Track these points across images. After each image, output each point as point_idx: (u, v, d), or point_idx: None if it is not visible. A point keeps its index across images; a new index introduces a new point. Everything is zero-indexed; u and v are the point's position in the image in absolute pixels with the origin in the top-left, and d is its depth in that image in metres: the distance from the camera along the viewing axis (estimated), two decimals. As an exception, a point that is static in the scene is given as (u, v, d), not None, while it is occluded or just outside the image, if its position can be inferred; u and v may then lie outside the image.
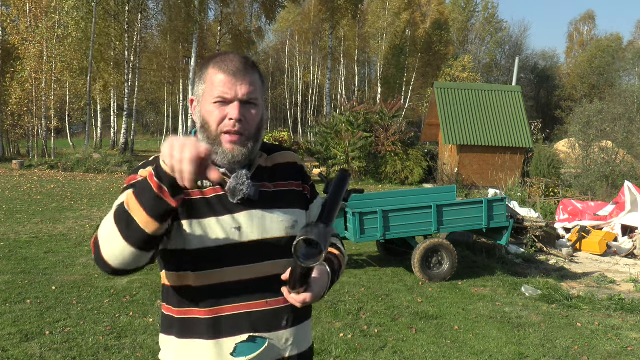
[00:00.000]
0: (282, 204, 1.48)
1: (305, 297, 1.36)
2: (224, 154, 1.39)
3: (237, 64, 1.39)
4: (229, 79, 1.37)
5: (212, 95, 1.38)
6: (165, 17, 28.51)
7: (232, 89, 1.37)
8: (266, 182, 1.48)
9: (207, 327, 1.39)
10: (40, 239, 8.24)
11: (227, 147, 1.38)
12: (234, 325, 1.39)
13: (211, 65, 1.41)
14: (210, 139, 1.39)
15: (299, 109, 43.60)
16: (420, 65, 39.19)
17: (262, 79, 1.46)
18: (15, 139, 25.85)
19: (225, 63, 1.39)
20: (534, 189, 15.31)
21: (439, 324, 5.25)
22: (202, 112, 1.41)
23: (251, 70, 1.41)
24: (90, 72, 25.21)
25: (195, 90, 1.45)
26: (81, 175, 18.57)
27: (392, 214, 6.65)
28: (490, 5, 54.08)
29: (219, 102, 1.38)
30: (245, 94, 1.38)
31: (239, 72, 1.38)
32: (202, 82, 1.42)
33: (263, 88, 1.46)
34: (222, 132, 1.38)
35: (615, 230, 9.55)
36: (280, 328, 1.43)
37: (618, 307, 6.02)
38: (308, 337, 1.53)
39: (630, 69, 37.53)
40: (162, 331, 1.49)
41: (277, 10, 32.11)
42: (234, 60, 1.40)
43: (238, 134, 1.38)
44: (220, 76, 1.38)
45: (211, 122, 1.39)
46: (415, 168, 19.49)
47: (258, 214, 1.43)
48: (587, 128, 16.11)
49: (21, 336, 4.40)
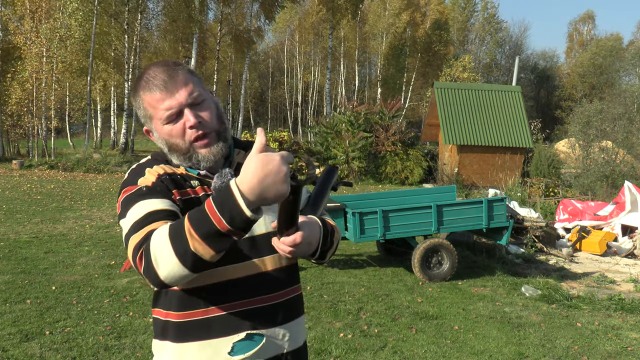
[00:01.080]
0: None
1: (296, 237, 1.27)
2: (204, 159, 1.38)
3: (160, 76, 1.36)
4: (163, 94, 1.35)
5: (159, 118, 1.36)
6: (165, 17, 28.52)
7: (172, 101, 1.35)
8: None
9: (205, 328, 1.38)
10: (40, 239, 8.24)
11: (203, 151, 1.38)
12: (232, 324, 1.38)
13: (140, 91, 1.38)
14: (185, 154, 1.38)
15: (299, 109, 43.59)
16: (420, 66, 39.20)
17: (189, 72, 1.41)
18: (15, 139, 25.85)
19: (149, 83, 1.36)
20: (534, 189, 15.31)
21: (439, 324, 5.25)
22: (162, 136, 1.39)
23: (175, 72, 1.37)
24: (91, 72, 25.21)
25: (144, 121, 1.43)
26: (81, 175, 18.57)
27: (392, 214, 6.66)
28: (490, 5, 54.13)
29: (169, 119, 1.36)
30: (186, 97, 1.35)
31: (168, 82, 1.35)
32: (141, 109, 1.40)
33: (198, 79, 1.42)
34: (190, 142, 1.37)
35: (615, 230, 9.55)
36: (277, 324, 1.42)
37: (618, 307, 6.02)
38: (302, 333, 1.53)
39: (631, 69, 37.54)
40: (157, 337, 1.47)
41: (277, 10, 32.10)
42: (156, 75, 1.36)
43: (205, 136, 1.37)
44: (153, 96, 1.36)
45: (176, 140, 1.37)
46: (415, 168, 19.50)
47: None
48: (587, 128, 16.11)
49: (21, 336, 4.40)
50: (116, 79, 29.93)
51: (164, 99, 1.34)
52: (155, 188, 1.35)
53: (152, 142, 1.76)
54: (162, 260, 1.18)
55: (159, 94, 1.35)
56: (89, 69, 24.98)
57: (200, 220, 1.15)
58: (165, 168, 1.41)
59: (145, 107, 1.38)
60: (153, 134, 1.42)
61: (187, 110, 1.35)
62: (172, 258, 1.17)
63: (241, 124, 30.67)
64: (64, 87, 26.05)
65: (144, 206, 1.31)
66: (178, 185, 1.39)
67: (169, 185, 1.37)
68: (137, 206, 1.32)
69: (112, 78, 30.03)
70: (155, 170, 1.40)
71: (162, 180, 1.37)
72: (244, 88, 30.94)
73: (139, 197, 1.33)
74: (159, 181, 1.37)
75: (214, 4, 29.46)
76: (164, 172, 1.39)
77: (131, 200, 1.34)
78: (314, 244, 1.36)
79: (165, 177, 1.38)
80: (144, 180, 1.37)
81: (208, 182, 1.42)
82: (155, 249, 1.19)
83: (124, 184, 1.41)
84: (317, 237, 1.40)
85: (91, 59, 24.73)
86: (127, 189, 1.38)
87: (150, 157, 1.48)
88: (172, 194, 1.36)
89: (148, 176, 1.38)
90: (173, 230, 1.18)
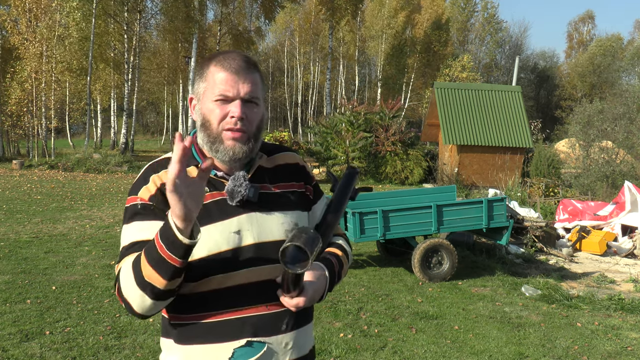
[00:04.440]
0: (282, 206, 1.46)
1: (299, 302, 1.35)
2: (225, 150, 1.39)
3: (239, 62, 1.38)
4: (231, 77, 1.37)
5: (213, 93, 1.38)
6: (164, 17, 28.51)
7: (234, 87, 1.37)
8: (267, 183, 1.47)
9: (205, 332, 1.38)
10: (40, 239, 8.24)
11: (229, 144, 1.38)
12: (233, 330, 1.37)
13: (213, 63, 1.40)
14: (212, 137, 1.39)
15: (299, 109, 43.60)
16: (419, 66, 39.21)
17: (262, 79, 1.45)
18: (15, 139, 25.85)
19: (227, 61, 1.38)
20: (534, 189, 15.30)
21: (439, 324, 5.25)
22: (202, 110, 1.40)
23: (253, 70, 1.40)
24: (90, 72, 25.21)
25: (195, 88, 1.44)
26: (81, 175, 18.57)
27: (392, 214, 6.66)
28: (490, 5, 54.12)
29: (221, 100, 1.37)
30: (247, 92, 1.38)
31: (241, 70, 1.38)
32: (202, 80, 1.41)
33: (263, 88, 1.45)
34: (224, 129, 1.38)
35: (615, 230, 9.55)
36: (280, 332, 1.40)
37: (618, 307, 6.02)
38: (309, 341, 1.51)
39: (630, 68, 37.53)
40: (162, 335, 1.49)
41: (276, 10, 32.10)
42: (236, 59, 1.39)
43: (240, 132, 1.38)
44: (222, 74, 1.37)
45: (212, 119, 1.38)
46: (415, 168, 19.49)
47: (257, 217, 1.41)
48: (588, 128, 16.10)
49: (21, 336, 4.40)
50: (116, 79, 29.92)
51: (229, 81, 1.37)
52: (149, 207, 1.37)
53: (152, 142, 1.76)
54: (129, 292, 1.28)
55: (229, 75, 1.37)
56: (89, 69, 24.97)
57: (150, 249, 1.23)
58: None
59: (207, 79, 1.40)
60: (196, 105, 1.43)
61: (239, 102, 1.37)
62: (135, 289, 1.27)
63: (241, 124, 30.59)
64: (63, 87, 26.03)
65: (131, 232, 1.37)
66: None
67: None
68: (128, 228, 1.38)
69: (112, 78, 30.02)
70: (159, 178, 1.40)
71: (161, 192, 1.36)
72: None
73: (132, 216, 1.38)
74: (158, 193, 1.37)
75: (213, 4, 29.45)
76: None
77: (126, 217, 1.40)
78: (317, 298, 1.41)
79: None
80: (144, 191, 1.39)
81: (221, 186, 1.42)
82: (122, 282, 1.30)
83: (131, 188, 1.44)
84: (322, 291, 1.43)
85: (90, 58, 24.72)
86: (129, 199, 1.42)
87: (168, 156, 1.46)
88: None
89: (150, 186, 1.39)
90: (135, 262, 1.27)
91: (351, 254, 1.65)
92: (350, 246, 1.68)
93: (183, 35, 28.62)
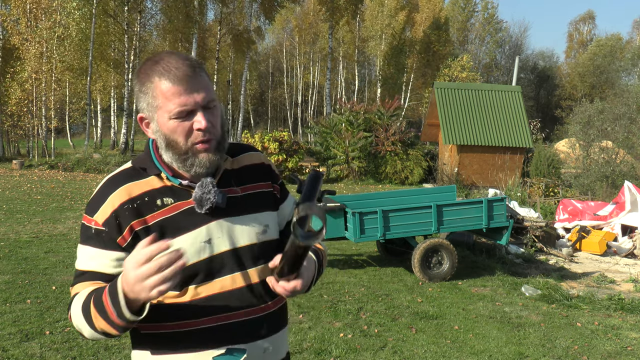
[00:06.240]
0: (251, 209, 1.42)
1: (296, 285, 1.30)
2: (200, 164, 1.33)
3: (184, 70, 1.28)
4: (182, 88, 1.27)
5: (169, 110, 1.28)
6: (164, 17, 28.53)
7: (189, 98, 1.27)
8: (233, 186, 1.42)
9: (184, 341, 1.34)
10: (40, 239, 8.24)
11: (202, 156, 1.32)
12: (212, 338, 1.34)
13: (156, 77, 1.28)
14: (182, 154, 1.32)
15: (299, 109, 43.60)
16: (419, 66, 39.21)
17: (207, 75, 1.35)
18: (15, 139, 25.85)
19: (171, 72, 1.27)
20: (534, 189, 15.30)
21: (439, 323, 5.25)
22: (163, 130, 1.31)
23: (199, 71, 1.31)
24: (91, 72, 25.21)
25: (142, 106, 1.33)
26: (81, 175, 18.57)
27: (392, 214, 6.65)
28: (490, 5, 54.11)
29: (179, 115, 1.29)
30: (203, 98, 1.29)
31: (190, 78, 1.28)
32: (149, 95, 1.30)
33: (212, 83, 1.37)
34: (193, 144, 1.31)
35: (615, 230, 9.55)
36: (259, 338, 1.38)
37: (618, 307, 6.02)
38: (285, 344, 1.50)
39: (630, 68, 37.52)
40: (134, 347, 1.43)
41: (276, 10, 32.10)
42: (179, 67, 1.28)
43: (209, 141, 1.32)
44: (171, 88, 1.27)
45: (178, 138, 1.30)
46: (415, 168, 19.50)
47: (227, 223, 1.37)
48: (588, 128, 16.10)
49: (21, 336, 4.40)
50: (116, 79, 29.93)
51: (181, 94, 1.27)
52: (101, 234, 1.32)
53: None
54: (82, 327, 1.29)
55: (177, 87, 1.27)
56: (89, 69, 24.98)
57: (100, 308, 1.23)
58: (133, 190, 1.35)
59: (155, 95, 1.29)
60: (151, 125, 1.34)
61: (200, 112, 1.29)
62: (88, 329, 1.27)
63: (241, 124, 30.68)
64: (63, 87, 26.02)
65: (83, 258, 1.35)
66: (144, 211, 1.33)
67: (125, 220, 1.32)
68: (81, 250, 1.36)
69: (112, 78, 30.03)
70: (117, 198, 1.33)
71: (117, 215, 1.32)
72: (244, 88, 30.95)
73: (85, 240, 1.35)
74: (112, 218, 1.32)
75: (213, 4, 29.46)
76: (127, 199, 1.33)
77: (81, 236, 1.38)
78: (307, 285, 1.37)
79: (124, 209, 1.32)
80: (99, 215, 1.33)
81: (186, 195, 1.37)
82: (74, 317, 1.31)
83: (88, 204, 1.38)
84: (312, 277, 1.41)
85: (90, 58, 24.72)
86: (84, 217, 1.37)
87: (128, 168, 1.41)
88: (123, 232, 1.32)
89: (106, 207, 1.33)
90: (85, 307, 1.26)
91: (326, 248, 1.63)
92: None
93: (183, 35, 28.62)
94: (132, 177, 1.37)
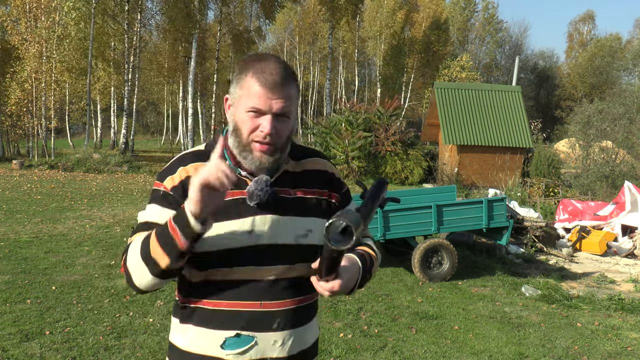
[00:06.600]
0: (298, 212, 1.51)
1: (334, 285, 1.38)
2: (252, 160, 1.45)
3: (275, 78, 1.40)
4: (265, 92, 1.40)
5: (247, 104, 1.42)
6: (164, 16, 28.51)
7: (267, 102, 1.40)
8: (289, 187, 1.52)
9: (204, 317, 1.47)
10: (40, 239, 8.24)
11: (256, 155, 1.44)
12: (227, 321, 1.45)
13: (251, 72, 1.42)
14: (241, 145, 1.45)
15: (299, 109, 43.56)
16: (419, 66, 39.20)
17: (298, 89, 1.48)
18: (15, 139, 25.84)
19: (264, 75, 1.40)
20: (534, 189, 15.31)
21: (439, 324, 5.25)
22: (235, 117, 1.46)
23: (288, 83, 1.43)
24: (90, 72, 25.19)
25: (232, 91, 1.48)
26: (81, 175, 18.56)
27: (392, 214, 6.65)
28: (490, 5, 54.12)
29: (253, 112, 1.41)
30: (279, 108, 1.41)
31: (276, 86, 1.40)
32: (239, 86, 1.45)
33: (297, 98, 1.49)
34: (253, 140, 1.43)
35: (615, 230, 9.55)
36: (271, 330, 1.46)
37: (618, 307, 6.02)
38: (302, 342, 1.53)
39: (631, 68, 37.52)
40: (172, 314, 1.59)
41: (277, 10, 32.08)
42: (273, 73, 1.41)
43: (268, 145, 1.43)
44: (257, 87, 1.40)
45: (243, 130, 1.43)
46: (415, 168, 19.49)
47: (272, 219, 1.47)
48: (587, 128, 16.11)
49: (21, 336, 4.40)
50: (116, 79, 29.92)
51: (263, 96, 1.40)
52: (169, 196, 1.47)
53: (152, 142, 1.77)
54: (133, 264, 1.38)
55: (264, 90, 1.40)
56: (89, 69, 24.97)
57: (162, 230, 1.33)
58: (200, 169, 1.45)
59: (242, 87, 1.43)
60: (231, 108, 1.48)
61: (270, 117, 1.41)
62: (139, 262, 1.36)
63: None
64: (63, 87, 26.00)
65: (149, 212, 1.48)
66: None
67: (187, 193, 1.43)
68: (147, 209, 1.49)
69: (111, 78, 30.02)
70: (185, 171, 1.48)
71: (183, 185, 1.45)
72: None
73: (153, 199, 1.50)
74: (180, 186, 1.46)
75: (213, 3, 29.45)
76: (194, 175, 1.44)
77: (150, 198, 1.52)
78: (350, 286, 1.46)
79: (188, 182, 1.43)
80: (169, 180, 1.49)
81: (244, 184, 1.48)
82: (129, 254, 1.40)
83: (159, 174, 1.54)
84: (355, 280, 1.48)
85: (90, 58, 24.71)
86: (155, 183, 1.53)
87: (200, 149, 1.55)
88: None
89: (175, 177, 1.48)
90: (145, 238, 1.37)
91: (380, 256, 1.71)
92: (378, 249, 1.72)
93: (183, 36, 28.61)
94: (201, 158, 1.50)
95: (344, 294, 1.46)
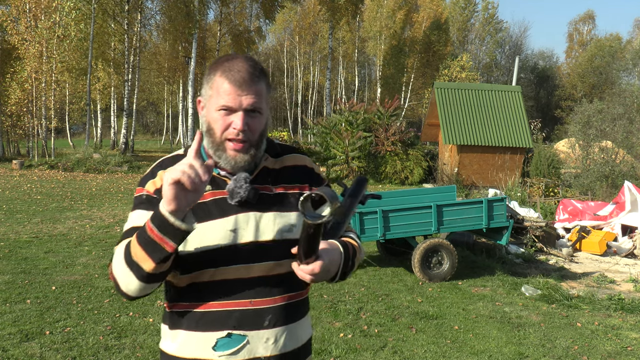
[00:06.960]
0: (280, 207, 1.50)
1: (314, 267, 1.35)
2: (227, 159, 1.45)
3: (243, 74, 1.41)
4: (234, 89, 1.41)
5: (217, 103, 1.43)
6: (164, 16, 28.51)
7: (236, 99, 1.41)
8: (269, 184, 1.51)
9: (193, 321, 1.46)
10: (40, 239, 8.24)
11: (231, 153, 1.44)
12: (217, 321, 1.44)
13: (219, 72, 1.44)
14: (215, 144, 1.45)
15: (299, 109, 43.60)
16: (419, 66, 39.21)
17: (268, 85, 1.49)
18: (15, 139, 25.83)
19: (232, 72, 1.41)
20: (534, 189, 15.31)
21: (439, 323, 5.25)
22: (207, 117, 1.46)
23: (257, 79, 1.44)
24: (90, 72, 25.19)
25: (203, 92, 1.49)
26: (81, 175, 18.57)
27: (392, 214, 6.65)
28: (490, 5, 54.10)
29: (224, 110, 1.42)
30: (249, 104, 1.42)
31: (245, 82, 1.41)
32: (209, 86, 1.46)
33: (268, 94, 1.49)
34: (226, 139, 1.43)
35: (615, 230, 9.55)
36: (262, 327, 1.45)
37: (618, 307, 6.02)
38: (295, 340, 1.52)
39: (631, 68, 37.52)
40: (162, 321, 1.59)
41: (277, 10, 32.09)
42: (241, 70, 1.42)
43: (242, 142, 1.43)
44: (226, 85, 1.41)
45: (216, 129, 1.44)
46: (415, 168, 19.49)
47: (254, 217, 1.46)
48: (587, 128, 16.10)
49: (21, 336, 4.40)
50: (116, 79, 29.92)
51: (232, 94, 1.41)
52: (153, 199, 1.44)
53: (152, 142, 1.78)
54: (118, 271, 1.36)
55: (232, 87, 1.41)
56: (89, 69, 24.97)
57: (141, 231, 1.30)
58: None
59: (212, 86, 1.44)
60: (203, 108, 1.49)
61: (241, 113, 1.42)
62: (124, 267, 1.34)
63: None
64: (63, 87, 26.00)
65: (133, 218, 1.46)
66: None
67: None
68: (131, 215, 1.48)
69: (111, 78, 30.02)
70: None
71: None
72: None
73: (137, 205, 1.48)
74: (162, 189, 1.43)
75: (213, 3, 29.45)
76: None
77: (133, 205, 1.50)
78: (332, 271, 1.43)
79: None
80: (150, 184, 1.48)
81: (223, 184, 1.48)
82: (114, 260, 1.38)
83: (140, 181, 1.53)
84: (337, 264, 1.46)
85: (90, 58, 24.71)
86: (137, 190, 1.52)
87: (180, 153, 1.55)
88: None
89: (156, 181, 1.48)
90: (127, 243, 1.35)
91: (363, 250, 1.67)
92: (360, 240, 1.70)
93: (183, 36, 28.62)
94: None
95: (326, 280, 1.44)
